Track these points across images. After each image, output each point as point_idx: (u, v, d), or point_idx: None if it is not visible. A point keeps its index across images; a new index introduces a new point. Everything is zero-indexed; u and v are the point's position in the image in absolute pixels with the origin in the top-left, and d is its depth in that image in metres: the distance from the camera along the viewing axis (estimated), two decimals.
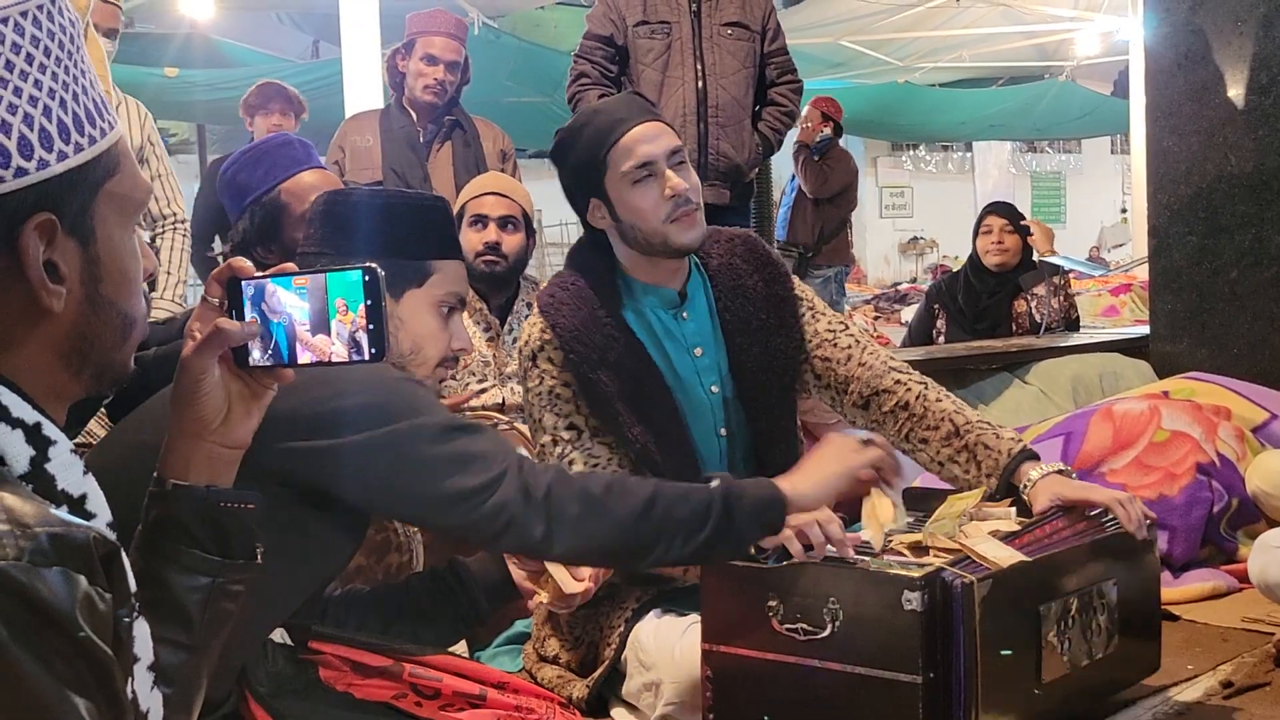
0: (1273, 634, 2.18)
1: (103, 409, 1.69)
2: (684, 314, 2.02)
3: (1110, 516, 1.84)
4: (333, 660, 1.42)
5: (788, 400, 2.06)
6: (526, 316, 2.97)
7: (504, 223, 2.90)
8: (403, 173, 3.51)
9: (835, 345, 2.05)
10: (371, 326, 0.99)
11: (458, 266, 1.59)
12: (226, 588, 1.00)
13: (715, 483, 1.51)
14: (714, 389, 2.02)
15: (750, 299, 2.03)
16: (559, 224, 13.32)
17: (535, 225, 3.01)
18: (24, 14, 0.80)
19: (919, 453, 2.00)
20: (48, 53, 0.81)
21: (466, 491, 1.33)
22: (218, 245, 3.57)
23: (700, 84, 3.51)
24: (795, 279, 2.14)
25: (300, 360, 1.00)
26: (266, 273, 1.02)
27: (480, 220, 2.90)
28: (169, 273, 3.44)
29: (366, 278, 0.99)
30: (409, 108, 3.66)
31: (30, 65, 0.80)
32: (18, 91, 0.79)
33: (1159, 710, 1.91)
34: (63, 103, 0.82)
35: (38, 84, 0.80)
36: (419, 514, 1.40)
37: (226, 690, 1.32)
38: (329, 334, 0.99)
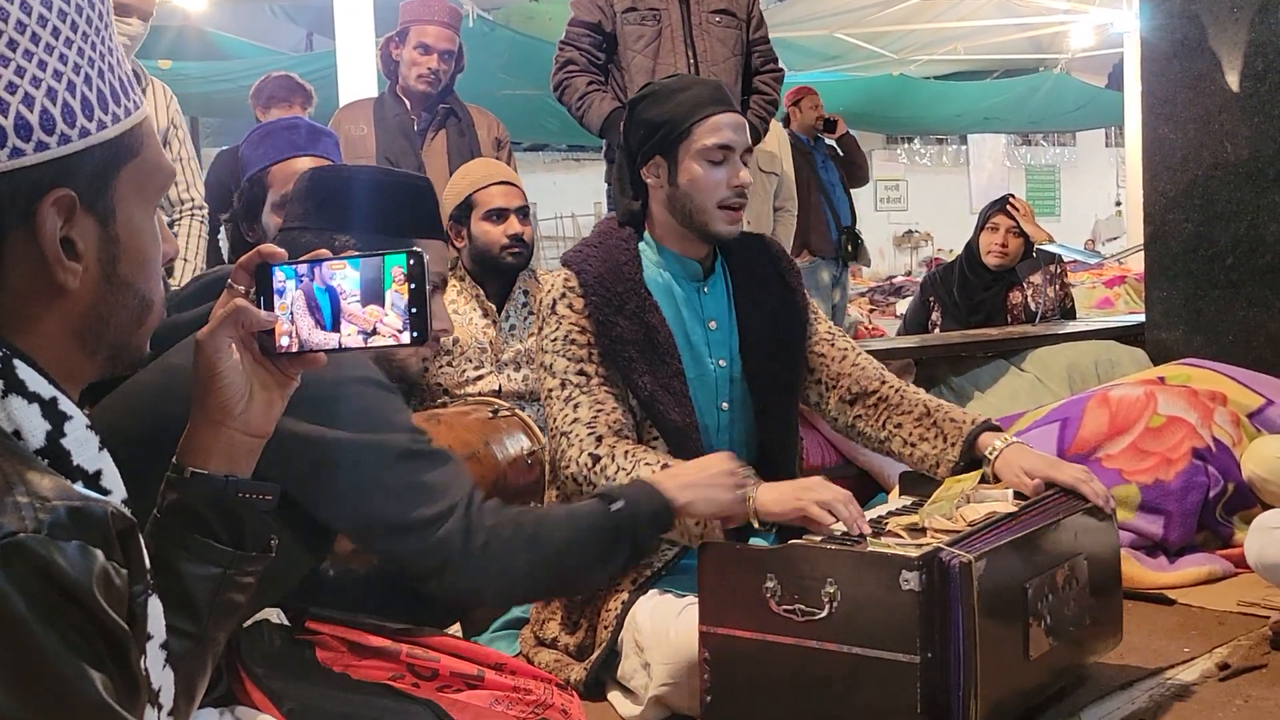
0: (1268, 617, 2.18)
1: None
2: (705, 288, 2.11)
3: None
4: (329, 640, 1.41)
5: (791, 385, 2.15)
6: (524, 304, 3.00)
7: (521, 212, 2.93)
8: (397, 161, 3.50)
9: (833, 345, 2.18)
10: (414, 309, 0.98)
11: (440, 246, 1.59)
12: (236, 579, 0.99)
13: (617, 505, 1.52)
14: (721, 363, 2.09)
15: (765, 288, 2.13)
16: (554, 217, 13.33)
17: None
18: None
19: (893, 439, 2.10)
20: (74, 27, 0.80)
21: (413, 523, 1.32)
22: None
23: (693, 71, 3.49)
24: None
25: (343, 332, 0.98)
26: (301, 259, 1.00)
27: (499, 213, 2.90)
28: (186, 259, 3.40)
29: (410, 260, 0.98)
30: (403, 96, 3.65)
31: (56, 39, 0.78)
32: (41, 65, 0.77)
33: (1156, 692, 1.92)
34: (87, 79, 0.80)
35: (62, 58, 0.79)
36: (358, 531, 1.37)
37: (216, 672, 1.31)
38: (382, 305, 0.98)
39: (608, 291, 2.00)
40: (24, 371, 0.76)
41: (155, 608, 0.79)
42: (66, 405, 0.77)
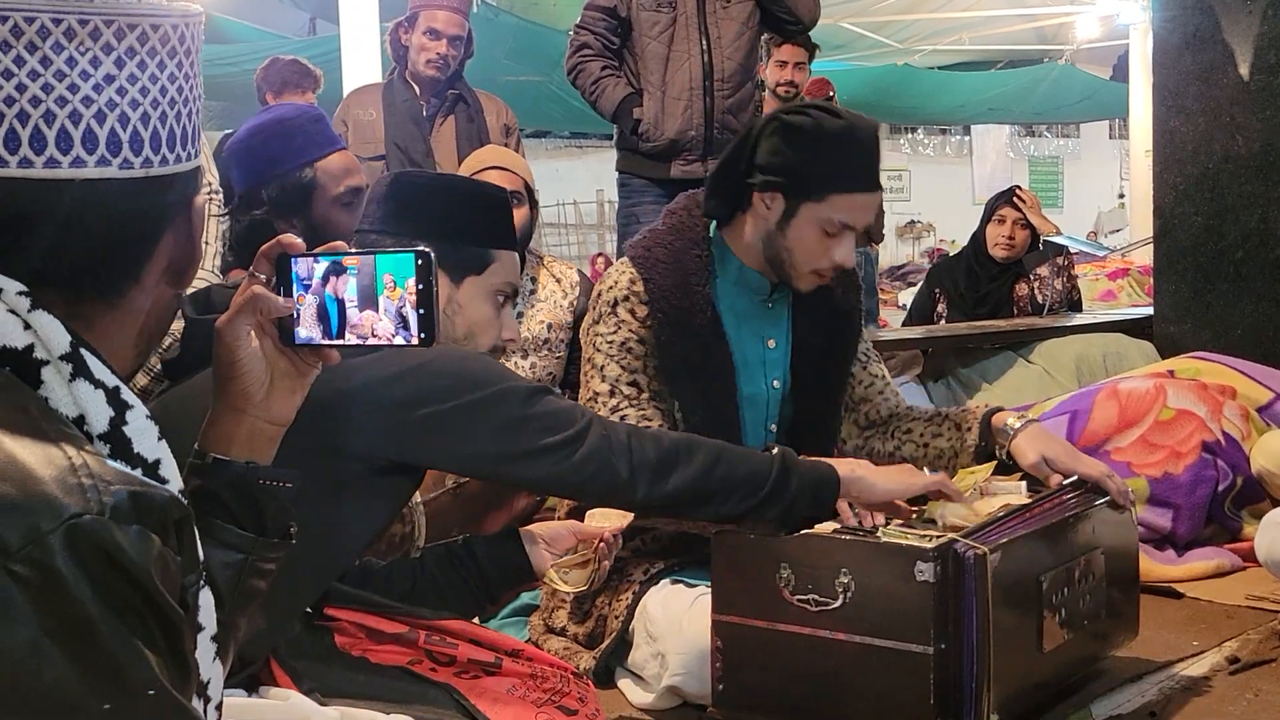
0: (1277, 611, 2.19)
1: (161, 370, 1.69)
2: (770, 304, 2.04)
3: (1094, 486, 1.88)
4: (348, 626, 1.42)
5: (836, 406, 2.11)
6: (531, 291, 2.99)
7: (511, 197, 2.89)
8: (405, 146, 3.49)
9: (865, 369, 2.15)
10: (422, 310, 0.98)
11: (514, 257, 1.62)
12: (258, 565, 1.00)
13: (775, 450, 1.59)
14: (775, 383, 2.05)
15: (826, 306, 2.07)
16: (556, 204, 13.31)
17: (536, 199, 3.01)
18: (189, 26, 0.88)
19: (904, 445, 2.08)
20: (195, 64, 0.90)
21: (558, 444, 1.43)
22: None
23: (706, 57, 3.53)
24: None
25: (347, 337, 0.99)
26: (317, 250, 1.01)
27: None
28: (208, 242, 3.39)
29: (419, 260, 0.98)
30: (411, 81, 3.63)
31: (194, 73, 0.89)
32: (192, 89, 0.88)
33: (1165, 685, 1.93)
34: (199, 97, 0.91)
35: (195, 89, 0.89)
36: (515, 471, 1.46)
37: (263, 652, 1.33)
38: (376, 309, 0.99)
39: (673, 306, 1.93)
40: (91, 360, 0.78)
41: (207, 600, 0.80)
42: (128, 395, 0.78)
